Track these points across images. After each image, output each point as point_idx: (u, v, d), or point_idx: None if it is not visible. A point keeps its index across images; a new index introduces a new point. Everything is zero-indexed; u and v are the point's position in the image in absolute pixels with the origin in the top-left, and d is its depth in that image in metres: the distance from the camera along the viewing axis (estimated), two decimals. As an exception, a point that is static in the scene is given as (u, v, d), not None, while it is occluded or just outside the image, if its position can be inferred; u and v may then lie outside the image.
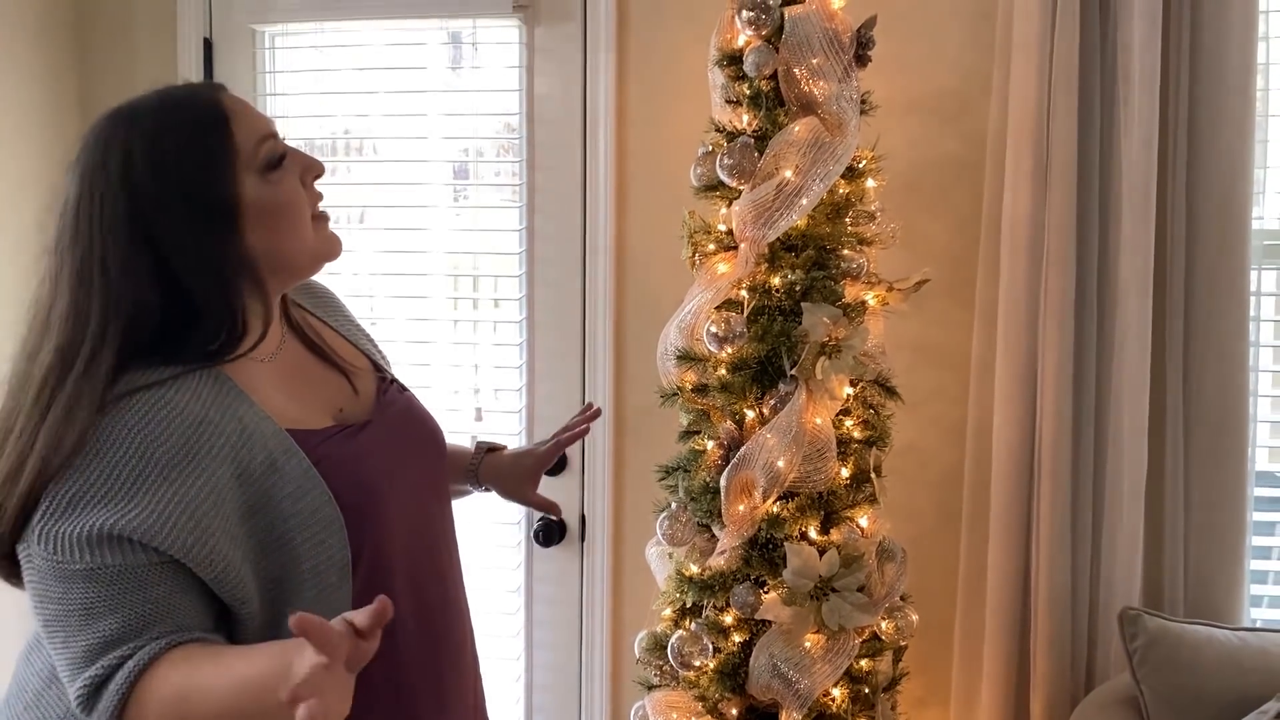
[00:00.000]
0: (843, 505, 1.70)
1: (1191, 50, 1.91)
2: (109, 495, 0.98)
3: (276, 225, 1.12)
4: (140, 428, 1.00)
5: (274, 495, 1.06)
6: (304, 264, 1.18)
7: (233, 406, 1.07)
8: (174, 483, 1.00)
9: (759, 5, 1.64)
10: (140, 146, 1.06)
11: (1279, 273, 2.11)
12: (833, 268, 1.69)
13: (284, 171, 1.13)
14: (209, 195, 1.07)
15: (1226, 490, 1.94)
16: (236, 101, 1.13)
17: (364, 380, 1.27)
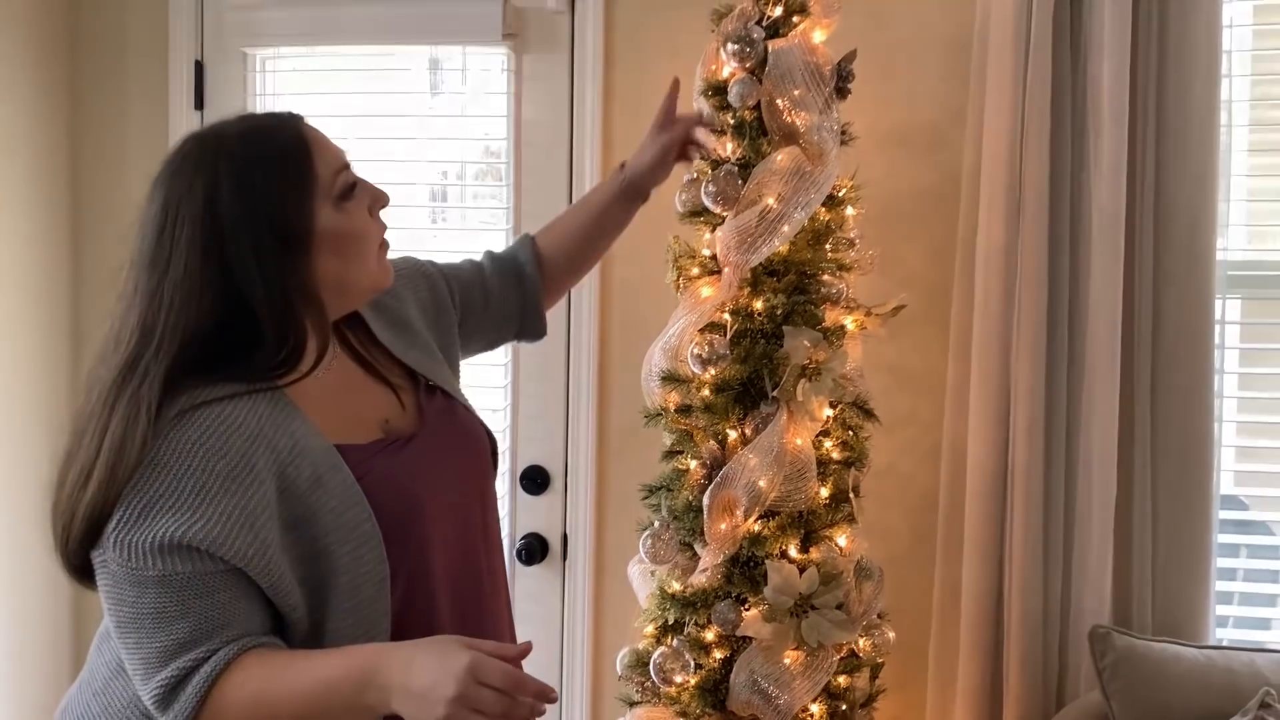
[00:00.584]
0: (822, 524, 1.73)
1: (1159, 86, 1.96)
2: (177, 506, 1.03)
3: (346, 253, 1.17)
4: (202, 441, 1.05)
5: (317, 510, 1.11)
6: (364, 290, 1.24)
7: (286, 422, 1.12)
8: (234, 495, 1.05)
9: (744, 38, 1.69)
10: (227, 173, 1.10)
11: (1243, 301, 2.17)
12: (813, 292, 1.73)
13: (356, 201, 1.18)
14: (289, 223, 1.11)
15: (1192, 513, 1.98)
16: (315, 132, 1.18)
17: (409, 393, 1.31)
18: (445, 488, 1.25)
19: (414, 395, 1.31)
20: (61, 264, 2.46)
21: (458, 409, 1.36)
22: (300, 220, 1.12)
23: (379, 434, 1.23)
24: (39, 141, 2.38)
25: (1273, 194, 2.18)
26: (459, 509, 1.27)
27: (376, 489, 1.15)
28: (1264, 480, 2.27)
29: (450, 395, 1.37)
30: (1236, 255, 2.13)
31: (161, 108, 2.43)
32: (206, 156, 1.12)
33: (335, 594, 1.11)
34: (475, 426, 1.38)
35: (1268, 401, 2.25)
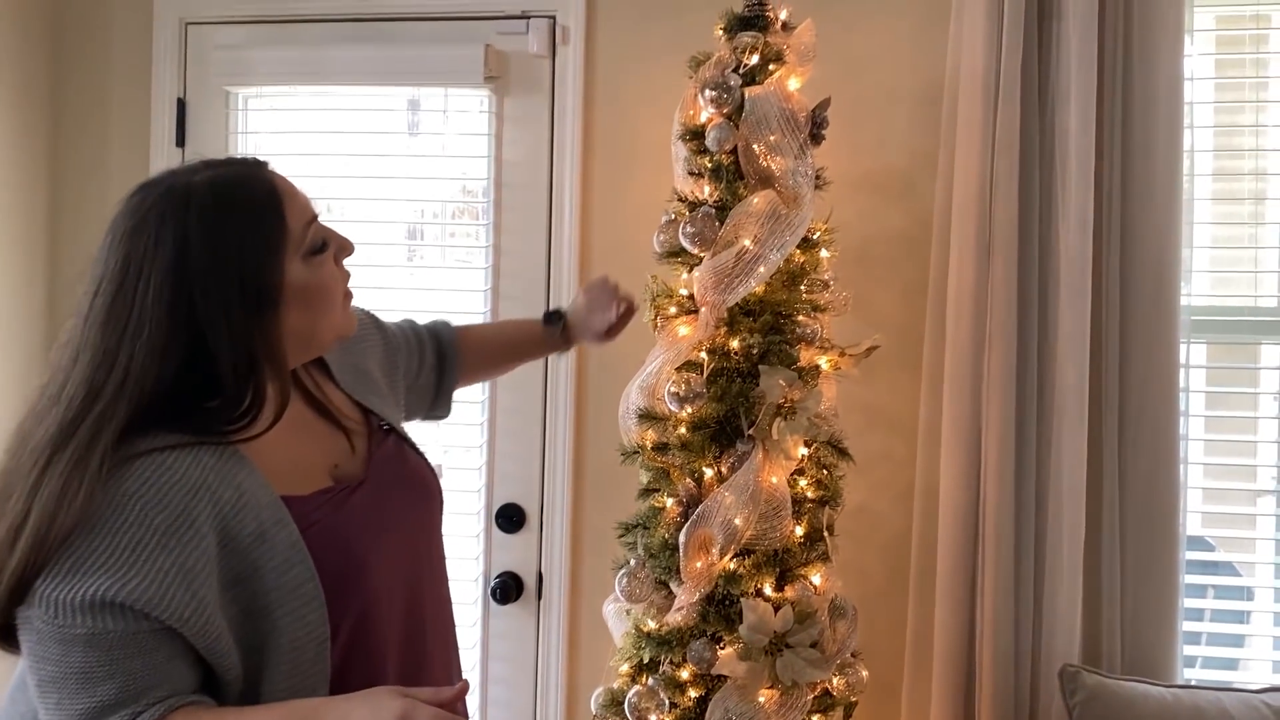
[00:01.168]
0: (797, 563, 1.74)
1: (1124, 136, 2.02)
2: (110, 563, 0.98)
3: (314, 306, 1.14)
4: (140, 493, 1.01)
5: (260, 566, 1.06)
6: (328, 340, 1.21)
7: (232, 473, 1.07)
8: (171, 551, 1.00)
9: (721, 85, 1.73)
10: (197, 226, 1.05)
11: (1207, 346, 2.22)
12: (788, 333, 1.76)
13: (324, 254, 1.16)
14: (260, 279, 1.08)
15: (1160, 553, 2.01)
16: (285, 182, 1.15)
17: (360, 437, 1.28)
18: (392, 537, 1.21)
19: (366, 439, 1.28)
20: (39, 304, 2.45)
21: (408, 454, 1.33)
22: (272, 276, 1.09)
23: (327, 481, 1.19)
24: (19, 174, 2.38)
25: (1235, 241, 2.23)
26: (406, 559, 1.24)
27: (320, 543, 1.11)
28: (1230, 521, 2.31)
29: (402, 439, 1.35)
30: (1200, 300, 2.18)
31: (143, 144, 2.44)
32: (174, 208, 1.06)
33: (274, 655, 1.07)
34: (425, 472, 1.34)
35: (1232, 444, 2.29)
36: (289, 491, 1.13)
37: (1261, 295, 2.22)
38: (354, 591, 1.14)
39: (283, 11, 2.38)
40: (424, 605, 1.27)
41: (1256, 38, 2.21)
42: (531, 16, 2.30)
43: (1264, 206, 2.19)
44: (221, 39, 2.41)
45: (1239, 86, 2.21)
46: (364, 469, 1.24)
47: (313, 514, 1.13)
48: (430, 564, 1.31)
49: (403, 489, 1.28)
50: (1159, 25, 1.98)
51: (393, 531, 1.22)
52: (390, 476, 1.26)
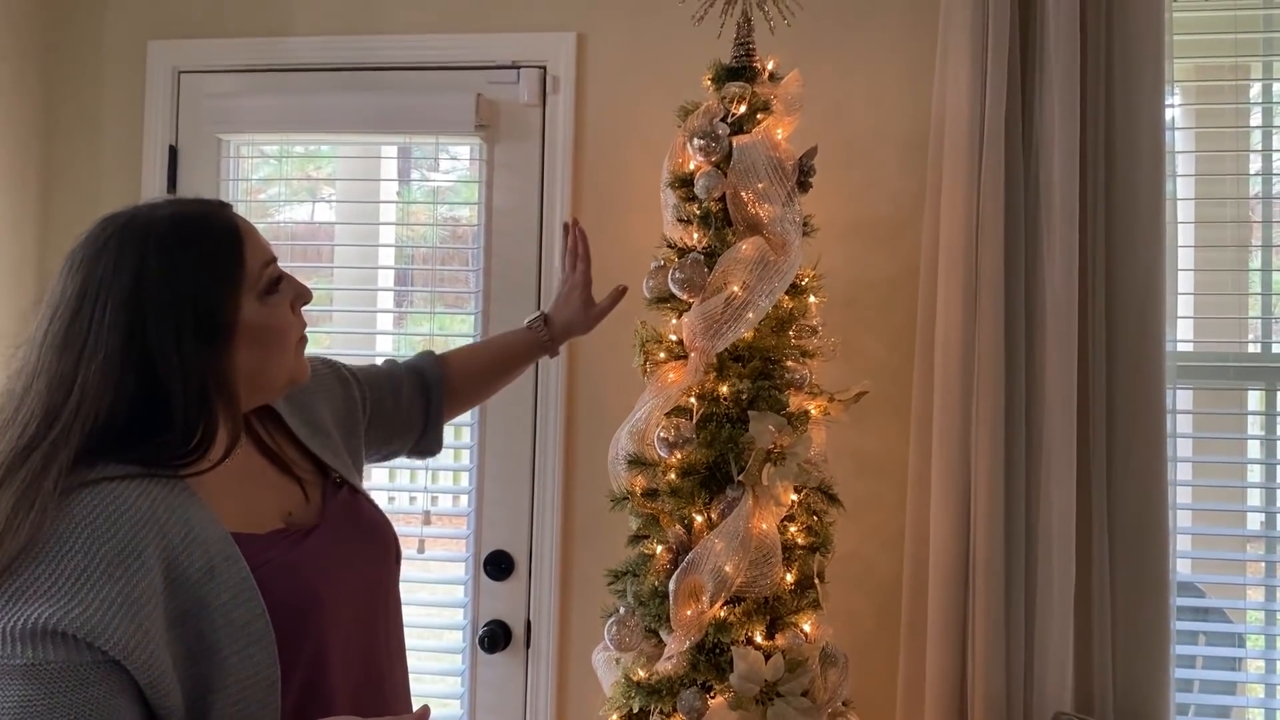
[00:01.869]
0: (788, 610, 1.73)
1: (1107, 184, 2.04)
2: (53, 591, 0.96)
3: (266, 347, 1.15)
4: (88, 523, 0.99)
5: (208, 602, 1.04)
6: (280, 386, 1.21)
7: (181, 508, 1.06)
8: (118, 580, 0.98)
9: (709, 134, 1.75)
10: (156, 257, 1.07)
11: (1193, 391, 2.23)
12: (777, 378, 1.76)
13: (280, 296, 1.17)
14: (214, 313, 1.09)
15: (1150, 599, 2.00)
16: (246, 223, 1.17)
17: (314, 487, 1.28)
18: (346, 584, 1.20)
19: (320, 490, 1.28)
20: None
21: (362, 504, 1.33)
22: (226, 311, 1.10)
23: (279, 525, 1.19)
24: (10, 221, 2.38)
25: (1218, 287, 2.25)
26: (360, 608, 1.22)
27: (273, 581, 1.09)
28: (1219, 567, 2.30)
29: (356, 491, 1.34)
30: (1185, 347, 2.20)
31: (134, 191, 2.45)
32: (133, 239, 1.08)
33: (221, 696, 1.04)
34: (380, 523, 1.33)
35: (1219, 490, 2.29)
36: (240, 531, 1.12)
37: (1246, 341, 2.23)
38: (308, 631, 1.12)
39: (274, 61, 2.41)
40: (380, 657, 1.25)
41: (1236, 88, 2.25)
42: (522, 66, 2.33)
43: (1247, 253, 2.22)
44: (213, 87, 2.43)
45: (1219, 135, 2.25)
46: (318, 516, 1.24)
47: (267, 551, 1.12)
48: (386, 616, 1.29)
49: (358, 538, 1.26)
50: (1140, 75, 2.01)
51: (348, 576, 1.20)
52: (345, 525, 1.25)
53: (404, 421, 1.62)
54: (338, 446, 1.40)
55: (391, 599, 1.31)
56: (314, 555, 1.17)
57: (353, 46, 2.38)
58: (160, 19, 2.46)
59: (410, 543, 2.40)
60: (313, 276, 2.51)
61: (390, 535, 1.33)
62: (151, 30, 2.46)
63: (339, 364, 1.53)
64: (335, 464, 1.34)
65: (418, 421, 1.65)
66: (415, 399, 1.64)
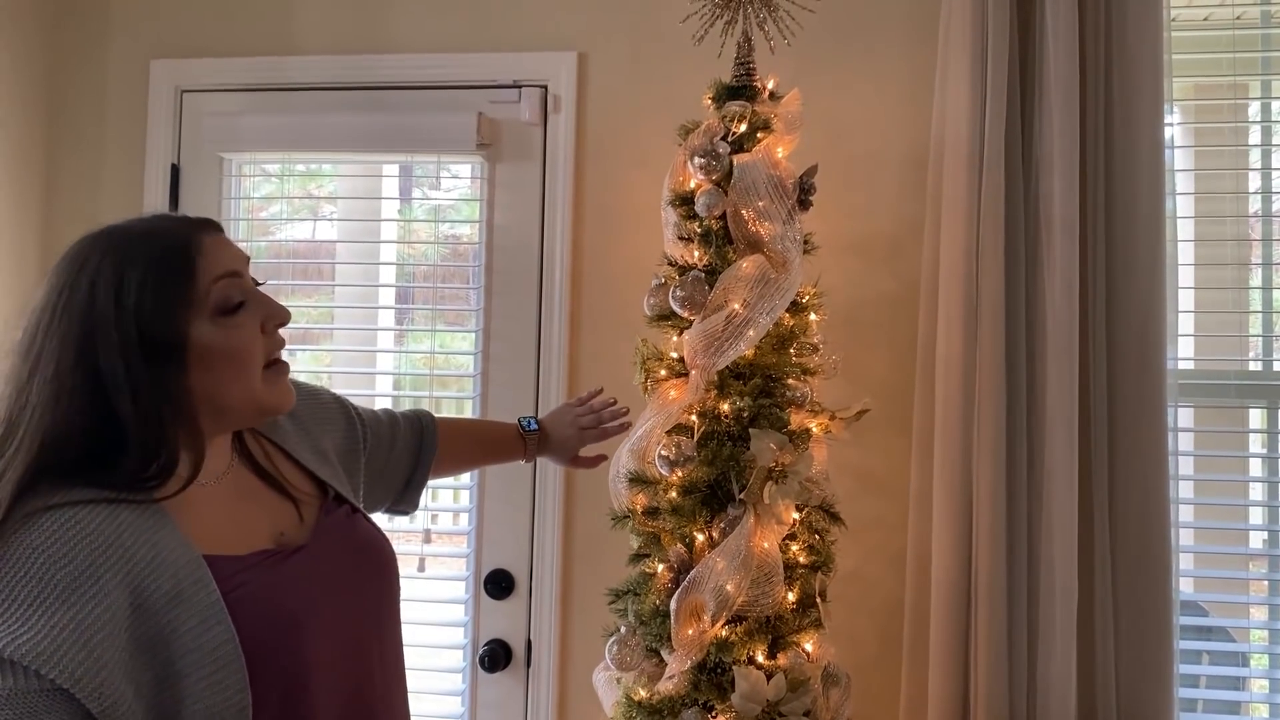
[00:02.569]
0: (789, 630, 1.72)
1: (1107, 202, 2.04)
2: (3, 617, 0.93)
3: (220, 371, 1.10)
4: (45, 548, 0.97)
5: (176, 628, 1.01)
6: (246, 412, 1.15)
7: (151, 532, 1.03)
8: (71, 607, 0.95)
9: (710, 152, 1.76)
10: (107, 273, 1.05)
11: (1194, 410, 2.23)
12: (778, 396, 1.76)
13: (241, 316, 1.11)
14: (156, 332, 1.05)
15: (1153, 619, 1.99)
16: (213, 240, 1.12)
17: (310, 507, 1.24)
18: (335, 602, 1.15)
19: (316, 510, 1.24)
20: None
21: (359, 523, 1.29)
22: (170, 330, 1.06)
23: (267, 545, 1.15)
24: (11, 240, 2.39)
25: (1218, 305, 2.25)
26: (352, 628, 1.17)
27: (247, 604, 1.05)
28: (1222, 585, 2.29)
29: (355, 510, 1.31)
30: (1186, 365, 2.19)
31: (136, 210, 2.43)
32: (94, 254, 1.07)
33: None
34: (375, 541, 1.28)
35: (1222, 508, 2.28)
36: (223, 552, 1.08)
37: (1247, 358, 2.23)
38: (284, 656, 1.07)
39: (276, 80, 2.42)
40: (373, 680, 1.21)
41: (1235, 106, 2.26)
42: (524, 86, 2.34)
43: (1247, 271, 2.22)
44: (215, 106, 2.43)
45: (1219, 154, 2.25)
46: (308, 536, 1.20)
47: (243, 574, 1.08)
48: (380, 637, 1.24)
49: (351, 556, 1.23)
50: (1139, 94, 2.02)
51: (336, 596, 1.16)
52: (336, 543, 1.22)
53: (390, 475, 1.59)
54: (339, 475, 1.37)
55: (386, 618, 1.26)
56: (295, 576, 1.13)
57: (354, 66, 2.39)
58: (163, 38, 2.48)
59: (410, 561, 2.39)
60: (314, 294, 2.52)
61: (386, 553, 1.29)
62: (154, 49, 2.47)
63: (347, 401, 1.51)
64: (334, 482, 1.31)
65: (399, 480, 1.61)
66: (405, 457, 1.61)
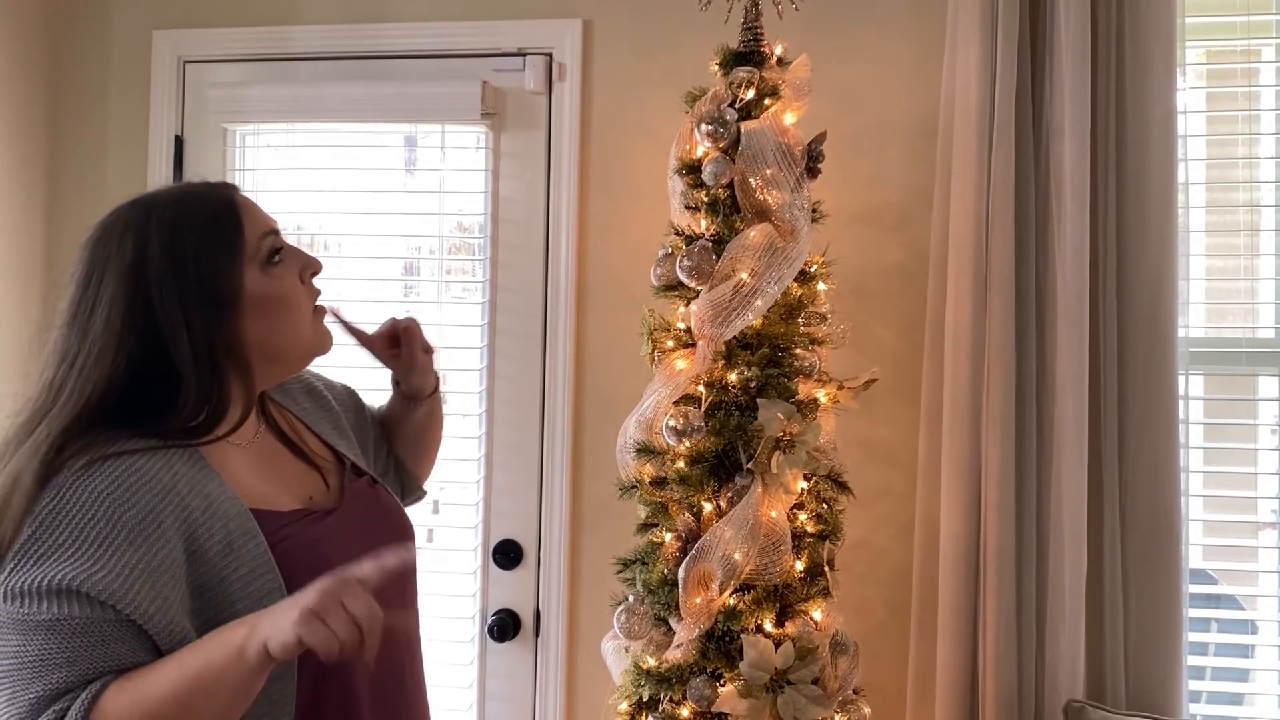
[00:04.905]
0: (797, 598, 1.72)
1: (1118, 170, 2.03)
2: (77, 554, 0.99)
3: (274, 316, 1.18)
4: (110, 491, 1.03)
5: (226, 576, 1.07)
6: (297, 355, 1.24)
7: (202, 482, 1.09)
8: (138, 548, 1.01)
9: (717, 119, 1.74)
10: (157, 234, 1.12)
11: (1204, 378, 2.22)
12: (786, 366, 1.75)
13: (283, 266, 1.20)
14: (217, 283, 1.13)
15: (1163, 587, 1.99)
16: (245, 199, 1.21)
17: (333, 475, 1.31)
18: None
19: (338, 478, 1.31)
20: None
21: (380, 492, 1.36)
22: (228, 281, 1.14)
23: (299, 506, 1.21)
24: (15, 213, 2.38)
25: (1230, 273, 2.24)
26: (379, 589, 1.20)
27: (293, 557, 1.12)
28: (1231, 554, 2.29)
29: (375, 482, 1.37)
30: (1198, 333, 2.18)
31: (140, 182, 2.44)
32: (137, 218, 1.13)
33: None
34: (398, 510, 1.37)
35: (1232, 476, 2.28)
36: (261, 507, 1.14)
37: (1258, 326, 2.22)
38: None
39: (280, 50, 2.40)
40: (400, 639, 1.27)
41: (1247, 71, 2.23)
42: (528, 54, 2.32)
43: (1259, 238, 2.20)
44: (219, 77, 2.42)
45: (1232, 120, 2.23)
46: (337, 501, 1.27)
47: (287, 528, 1.14)
48: (404, 600, 1.30)
49: (377, 521, 1.29)
50: (1151, 60, 2.00)
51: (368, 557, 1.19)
52: (364, 508, 1.28)
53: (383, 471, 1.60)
54: (354, 447, 1.42)
55: (409, 584, 1.33)
56: (334, 533, 1.19)
57: (358, 35, 2.37)
58: (165, 9, 2.46)
59: (419, 532, 2.39)
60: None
61: (407, 522, 1.36)
62: (157, 20, 2.46)
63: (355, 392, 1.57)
64: (352, 455, 1.37)
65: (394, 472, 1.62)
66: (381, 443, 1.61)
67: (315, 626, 0.95)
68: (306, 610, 0.96)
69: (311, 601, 0.96)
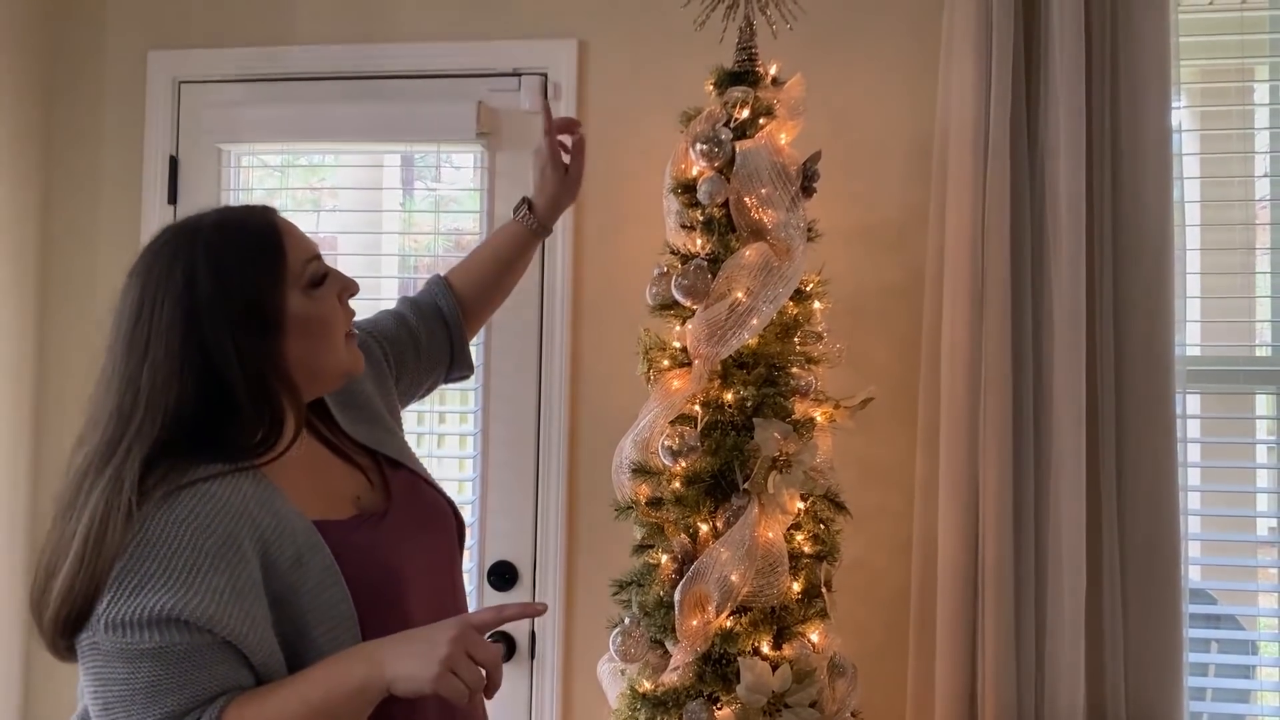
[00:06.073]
0: (795, 620, 1.71)
1: (1113, 188, 2.02)
2: (169, 583, 1.04)
3: (315, 337, 1.22)
4: (191, 520, 1.07)
5: (298, 589, 1.13)
6: (333, 374, 1.28)
7: (269, 501, 1.14)
8: (223, 571, 1.07)
9: (712, 139, 1.74)
10: (204, 259, 1.15)
11: (1201, 396, 2.21)
12: (783, 385, 1.74)
13: (325, 289, 1.24)
14: (263, 306, 1.16)
15: (1162, 607, 1.97)
16: (287, 223, 1.25)
17: (374, 472, 1.36)
18: (420, 562, 1.27)
19: (379, 473, 1.36)
20: (27, 358, 2.43)
21: (421, 484, 1.40)
22: (273, 304, 1.17)
23: (353, 510, 1.27)
24: (9, 231, 2.37)
25: (1226, 291, 2.23)
26: (434, 584, 1.30)
27: (357, 564, 1.17)
28: (1230, 573, 2.28)
29: (414, 471, 1.41)
30: (1194, 351, 2.18)
31: (134, 201, 2.44)
32: (183, 244, 1.17)
33: None
34: (441, 501, 1.41)
35: (1230, 495, 2.27)
36: (322, 518, 1.19)
37: (1255, 344, 2.21)
38: (392, 612, 1.19)
39: (275, 70, 2.40)
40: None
41: (1241, 90, 2.24)
42: (524, 74, 2.32)
43: (1254, 256, 2.20)
44: (214, 97, 2.42)
45: (1226, 138, 2.23)
46: (385, 500, 1.32)
47: (349, 537, 1.20)
48: (453, 589, 1.37)
49: (425, 516, 1.35)
50: (1146, 79, 2.00)
51: (421, 556, 1.28)
52: (412, 505, 1.34)
53: (430, 361, 1.67)
54: (385, 420, 1.47)
55: (457, 570, 1.40)
56: (391, 536, 1.25)
57: (353, 55, 2.38)
58: (160, 29, 2.46)
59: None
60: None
61: (451, 509, 1.41)
62: (152, 40, 2.46)
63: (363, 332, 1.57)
64: (386, 447, 1.40)
65: (444, 357, 1.70)
66: (437, 337, 1.68)
67: (449, 680, 1.05)
68: (443, 664, 1.05)
69: (445, 654, 1.05)
